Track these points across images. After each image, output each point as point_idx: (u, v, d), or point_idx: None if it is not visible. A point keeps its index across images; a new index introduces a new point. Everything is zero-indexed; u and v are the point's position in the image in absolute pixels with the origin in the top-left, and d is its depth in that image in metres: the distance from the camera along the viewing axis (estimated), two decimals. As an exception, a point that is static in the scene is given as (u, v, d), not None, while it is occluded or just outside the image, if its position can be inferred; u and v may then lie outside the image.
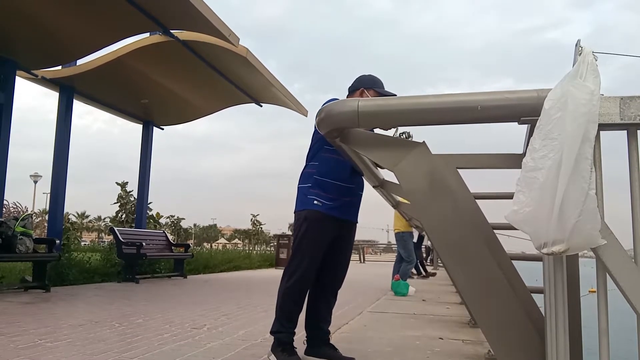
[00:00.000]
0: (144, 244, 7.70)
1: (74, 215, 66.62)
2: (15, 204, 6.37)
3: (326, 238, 2.73)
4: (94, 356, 2.69)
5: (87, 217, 74.27)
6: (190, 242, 48.62)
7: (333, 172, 2.73)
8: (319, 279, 2.81)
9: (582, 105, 1.28)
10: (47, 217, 9.18)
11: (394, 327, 4.06)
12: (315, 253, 2.71)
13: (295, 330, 2.74)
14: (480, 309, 1.67)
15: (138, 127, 10.16)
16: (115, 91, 8.68)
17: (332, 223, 2.73)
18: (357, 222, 2.92)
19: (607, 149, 1.42)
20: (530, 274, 3.09)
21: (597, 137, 1.38)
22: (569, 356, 1.38)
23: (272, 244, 23.36)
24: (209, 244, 69.23)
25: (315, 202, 2.72)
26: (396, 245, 8.18)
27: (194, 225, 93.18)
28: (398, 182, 1.91)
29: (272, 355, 2.67)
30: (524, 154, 1.43)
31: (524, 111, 1.51)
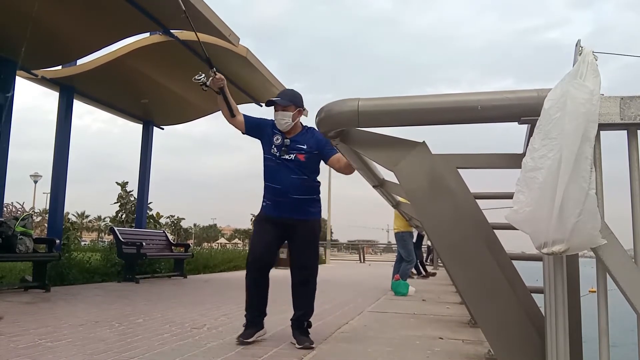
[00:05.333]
0: (144, 243, 7.69)
1: (74, 215, 66.66)
2: (21, 205, 6.38)
3: (266, 233, 3.20)
4: (94, 356, 2.69)
5: (87, 217, 74.32)
6: (190, 242, 48.56)
7: (266, 175, 3.22)
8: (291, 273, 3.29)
9: (582, 105, 1.28)
10: (47, 217, 9.18)
11: (394, 327, 4.06)
12: (256, 247, 3.22)
13: (256, 312, 3.22)
14: (480, 309, 1.67)
15: (138, 127, 10.15)
16: (115, 91, 8.68)
17: (272, 220, 3.20)
18: (303, 219, 3.20)
19: (607, 149, 1.42)
20: (530, 274, 3.08)
21: (597, 137, 1.38)
22: (569, 356, 1.38)
23: (272, 244, 23.31)
24: (209, 244, 69.21)
25: (263, 204, 3.27)
26: (396, 245, 8.18)
27: (194, 225, 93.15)
28: (398, 182, 1.91)
29: None
30: (524, 154, 1.43)
31: (524, 111, 1.50)
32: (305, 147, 3.19)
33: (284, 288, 3.49)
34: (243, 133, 3.25)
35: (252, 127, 3.27)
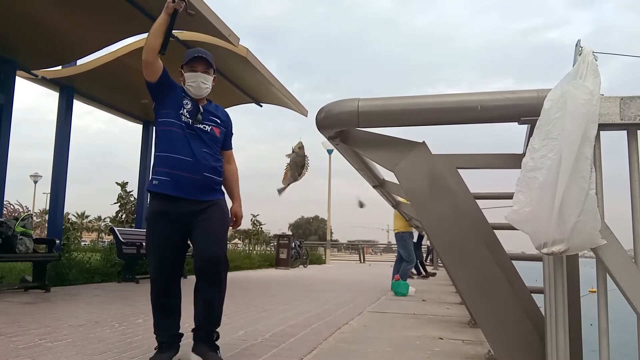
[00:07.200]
0: (144, 244, 7.69)
1: (74, 215, 66.53)
2: (19, 205, 6.38)
3: (164, 219, 2.52)
4: (94, 356, 2.69)
5: (87, 217, 74.18)
6: (190, 242, 48.34)
7: (166, 144, 2.56)
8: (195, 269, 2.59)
9: (582, 105, 1.28)
10: (47, 217, 9.18)
11: (394, 327, 4.06)
12: (155, 257, 2.56)
13: (171, 333, 2.58)
14: (480, 309, 1.67)
15: (138, 127, 10.16)
16: (115, 91, 8.68)
17: (169, 211, 2.51)
18: (210, 200, 2.60)
19: (607, 149, 1.42)
20: (530, 274, 3.09)
21: (597, 137, 1.38)
22: (569, 356, 1.38)
23: (272, 244, 23.37)
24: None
25: (154, 182, 2.56)
26: (396, 245, 8.18)
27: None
28: (398, 182, 1.91)
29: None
30: (524, 154, 1.43)
31: (524, 111, 1.51)
32: (219, 121, 2.69)
33: (284, 287, 3.48)
34: (152, 81, 2.65)
35: (167, 80, 2.68)
